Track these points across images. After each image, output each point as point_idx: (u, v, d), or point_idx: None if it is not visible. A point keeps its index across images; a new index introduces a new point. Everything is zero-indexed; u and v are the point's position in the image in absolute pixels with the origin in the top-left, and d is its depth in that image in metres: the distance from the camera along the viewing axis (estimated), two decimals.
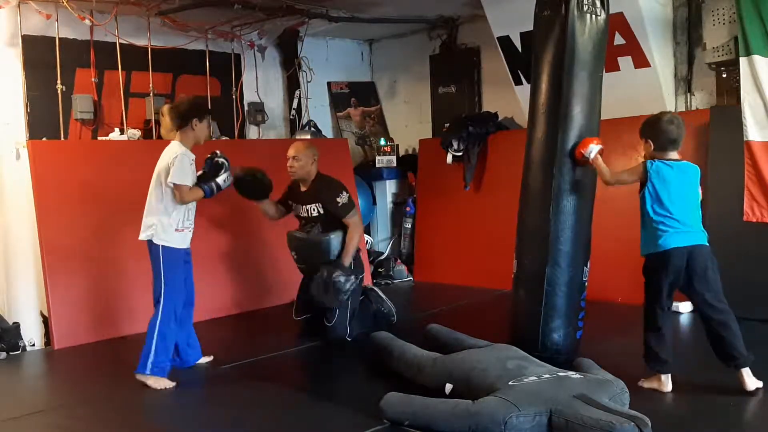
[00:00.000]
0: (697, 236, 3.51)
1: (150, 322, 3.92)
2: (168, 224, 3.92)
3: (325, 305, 4.62)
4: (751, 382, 3.40)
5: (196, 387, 4.03)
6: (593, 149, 3.81)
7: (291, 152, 4.76)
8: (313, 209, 4.74)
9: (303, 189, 4.81)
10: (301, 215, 4.82)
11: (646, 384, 3.56)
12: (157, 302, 3.93)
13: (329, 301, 4.57)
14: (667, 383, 3.51)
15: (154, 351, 3.88)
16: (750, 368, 3.42)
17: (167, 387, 3.87)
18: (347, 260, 4.63)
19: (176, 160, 3.86)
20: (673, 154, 3.54)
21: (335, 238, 4.68)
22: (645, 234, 3.58)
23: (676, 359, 3.62)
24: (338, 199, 4.65)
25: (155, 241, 3.92)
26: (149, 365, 3.87)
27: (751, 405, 3.35)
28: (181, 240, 3.99)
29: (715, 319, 3.43)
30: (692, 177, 3.55)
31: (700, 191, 3.60)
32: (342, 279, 4.54)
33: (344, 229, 4.70)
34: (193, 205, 4.03)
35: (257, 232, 5.85)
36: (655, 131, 3.53)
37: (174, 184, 3.84)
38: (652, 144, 3.54)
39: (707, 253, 3.51)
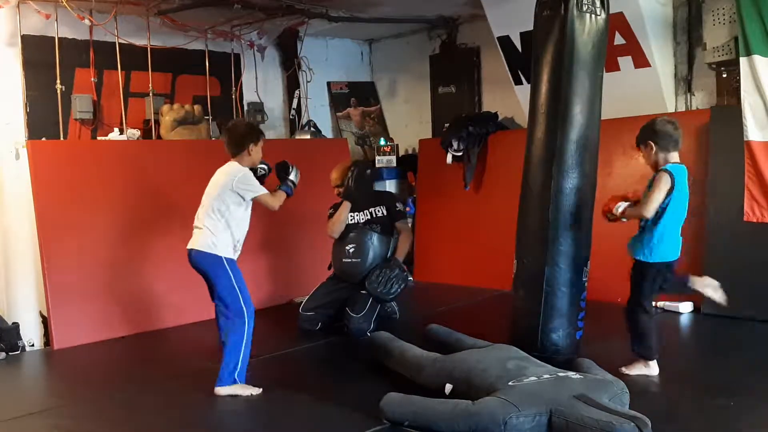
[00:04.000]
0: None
1: (234, 335, 3.76)
2: (229, 238, 3.84)
3: (381, 299, 4.89)
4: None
5: (196, 387, 4.02)
6: (621, 205, 3.60)
7: (335, 181, 5.08)
8: (378, 211, 5.12)
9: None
10: (361, 221, 5.10)
11: (632, 371, 3.63)
12: (236, 313, 3.77)
13: (385, 295, 4.85)
14: (654, 367, 3.61)
15: (242, 360, 3.76)
16: (752, 366, 3.42)
17: (254, 393, 3.75)
18: (401, 257, 5.06)
19: (243, 176, 3.83)
20: (675, 156, 3.55)
21: (394, 239, 5.14)
22: (648, 238, 3.56)
23: (676, 359, 3.63)
24: (398, 205, 5.24)
25: (218, 253, 3.80)
26: (236, 375, 3.76)
27: (752, 405, 3.35)
28: (235, 255, 3.91)
29: None
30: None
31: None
32: (401, 274, 4.90)
33: (392, 234, 5.16)
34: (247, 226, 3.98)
35: (258, 231, 5.84)
36: (657, 133, 3.55)
37: (256, 197, 3.85)
38: (654, 146, 3.54)
39: None
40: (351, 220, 5.12)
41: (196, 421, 3.52)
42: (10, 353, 4.76)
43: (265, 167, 4.12)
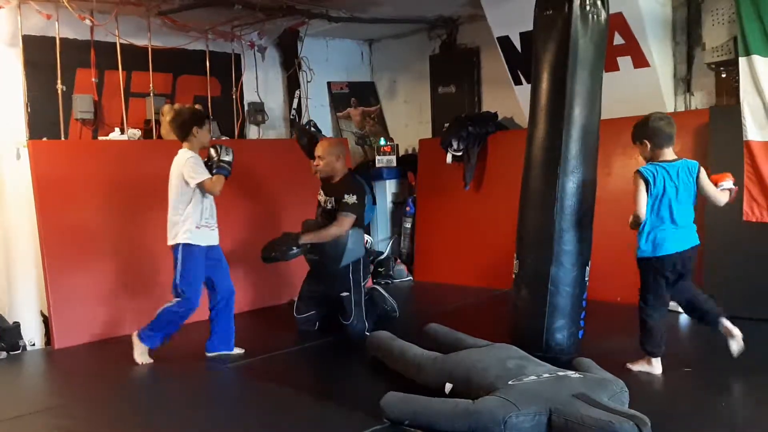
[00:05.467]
0: (691, 238, 3.63)
1: (167, 311, 4.24)
2: (189, 223, 4.17)
3: (263, 255, 4.77)
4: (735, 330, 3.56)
5: (196, 386, 4.04)
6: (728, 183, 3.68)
7: (317, 151, 4.94)
8: (330, 203, 4.91)
9: (332, 182, 4.97)
10: (321, 204, 5.00)
11: (635, 367, 3.72)
12: (176, 295, 4.23)
13: (264, 251, 4.75)
14: (657, 365, 3.69)
15: (154, 323, 4.23)
16: (750, 366, 3.45)
17: (144, 362, 4.28)
18: (305, 238, 4.74)
19: (188, 162, 4.12)
20: (670, 152, 3.60)
21: (352, 235, 4.79)
22: (642, 235, 3.65)
23: (676, 358, 3.63)
24: (346, 196, 4.76)
25: (175, 241, 4.20)
26: (145, 333, 4.28)
27: (751, 404, 3.36)
28: (203, 237, 4.24)
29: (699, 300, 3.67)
30: (686, 175, 3.60)
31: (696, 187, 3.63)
32: (284, 246, 4.71)
33: (361, 228, 4.87)
34: (211, 203, 4.29)
35: (259, 230, 5.85)
36: (648, 131, 3.60)
37: (198, 183, 4.10)
38: (648, 144, 3.60)
39: (695, 253, 3.67)
40: (319, 196, 5.02)
41: (195, 420, 3.52)
42: (11, 353, 4.76)
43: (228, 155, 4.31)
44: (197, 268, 4.22)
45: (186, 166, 4.12)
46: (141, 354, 4.30)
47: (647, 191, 3.56)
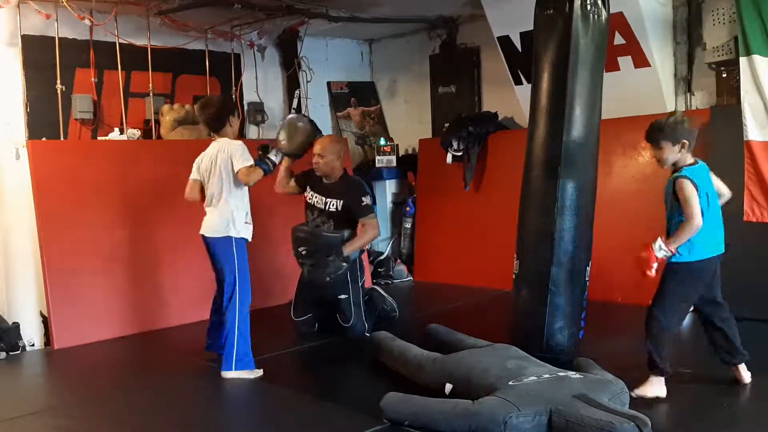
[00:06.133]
0: (722, 242, 3.48)
1: (228, 319, 3.96)
2: (238, 217, 3.98)
3: (311, 278, 4.68)
4: (747, 376, 3.50)
5: (196, 386, 4.03)
6: (660, 247, 3.30)
7: (317, 149, 4.77)
8: (333, 204, 4.76)
9: (327, 182, 4.85)
10: (317, 206, 4.84)
11: (638, 392, 3.43)
12: (229, 296, 3.97)
13: (315, 276, 4.64)
14: (662, 386, 3.44)
15: (236, 345, 3.93)
16: (751, 366, 3.48)
17: (257, 375, 3.97)
18: (349, 249, 4.65)
19: (237, 148, 3.90)
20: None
21: (346, 237, 4.73)
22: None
23: (676, 358, 3.63)
24: (363, 199, 4.71)
25: (226, 233, 3.96)
26: (234, 362, 3.92)
27: (751, 404, 3.36)
28: (249, 233, 4.07)
29: (719, 316, 3.48)
30: (708, 176, 3.48)
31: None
32: (334, 262, 4.59)
33: (352, 229, 4.77)
34: (248, 200, 4.10)
35: (258, 229, 5.85)
36: (686, 131, 3.38)
37: (239, 169, 3.87)
38: (687, 144, 3.37)
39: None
40: (310, 199, 4.87)
41: (196, 421, 3.52)
42: (11, 353, 4.76)
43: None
44: (246, 260, 4.05)
45: (236, 151, 3.88)
46: (253, 373, 3.97)
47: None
